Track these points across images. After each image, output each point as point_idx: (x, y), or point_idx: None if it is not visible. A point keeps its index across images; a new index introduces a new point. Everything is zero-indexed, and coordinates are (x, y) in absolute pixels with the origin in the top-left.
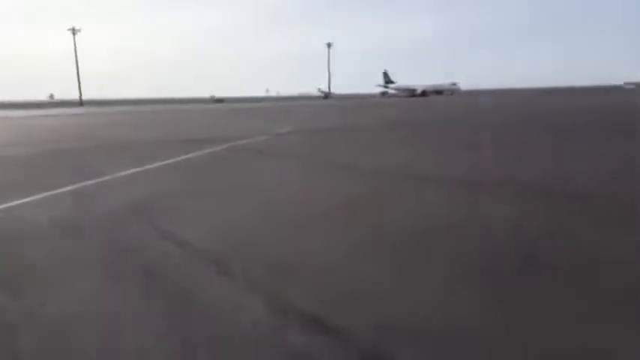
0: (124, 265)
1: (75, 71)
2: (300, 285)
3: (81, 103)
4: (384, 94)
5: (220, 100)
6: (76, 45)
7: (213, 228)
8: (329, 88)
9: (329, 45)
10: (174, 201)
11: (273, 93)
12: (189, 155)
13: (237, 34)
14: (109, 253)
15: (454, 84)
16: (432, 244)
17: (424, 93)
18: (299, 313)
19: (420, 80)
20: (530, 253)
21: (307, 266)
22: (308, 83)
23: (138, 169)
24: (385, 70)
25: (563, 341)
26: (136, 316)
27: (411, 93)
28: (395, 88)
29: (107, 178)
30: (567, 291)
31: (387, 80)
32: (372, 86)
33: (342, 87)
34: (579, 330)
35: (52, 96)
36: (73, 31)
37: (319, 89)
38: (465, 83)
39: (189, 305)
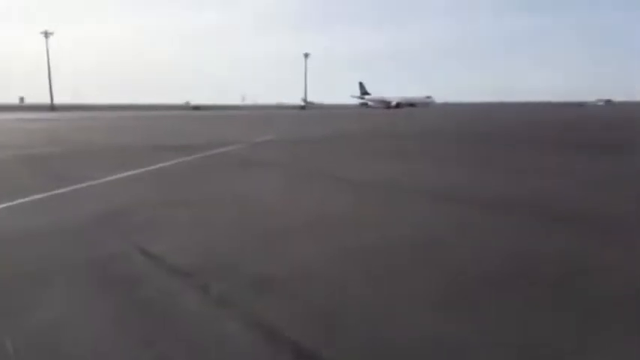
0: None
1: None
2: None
3: (52, 107)
4: (363, 105)
5: (197, 108)
6: (48, 48)
7: (186, 240)
8: (305, 98)
9: (306, 55)
10: (148, 211)
11: (249, 101)
12: (166, 164)
13: (212, 42)
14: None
15: (428, 97)
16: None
17: (398, 105)
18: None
19: (396, 91)
20: None
21: (284, 279)
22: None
23: (115, 176)
24: (361, 81)
25: None
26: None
27: (386, 105)
28: (370, 100)
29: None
30: None
31: (363, 91)
32: (348, 96)
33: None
34: None
35: (22, 99)
36: (46, 34)
37: (302, 99)
38: (442, 96)
39: (162, 321)
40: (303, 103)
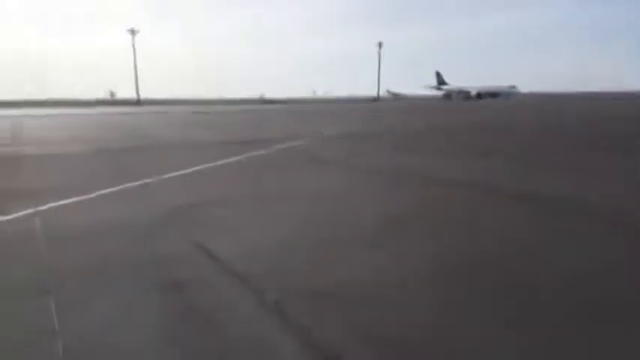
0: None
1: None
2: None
3: (138, 101)
4: (447, 96)
5: (270, 102)
6: (135, 45)
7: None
8: (378, 89)
9: (380, 44)
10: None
11: (320, 94)
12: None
13: (284, 36)
14: None
15: (512, 86)
16: None
17: (479, 96)
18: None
19: (473, 82)
20: None
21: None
22: (360, 85)
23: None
24: (438, 70)
25: None
26: None
27: (465, 95)
28: (448, 89)
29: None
30: None
31: (440, 81)
32: (422, 87)
33: (399, 86)
34: None
35: (112, 94)
36: (132, 32)
37: (387, 91)
38: (527, 86)
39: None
40: (392, 94)
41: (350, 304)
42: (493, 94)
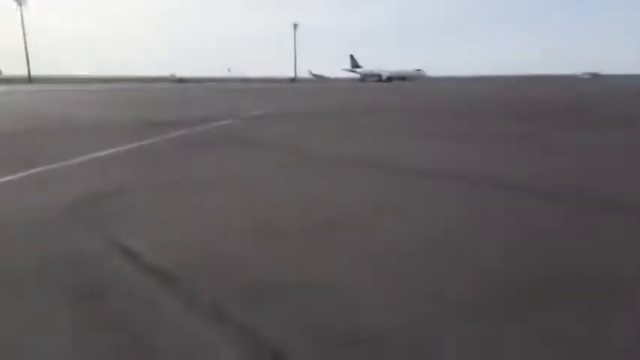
0: None
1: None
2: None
3: (29, 79)
4: (362, 80)
5: (182, 80)
6: (22, 16)
7: None
8: (295, 70)
9: (295, 25)
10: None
11: (236, 74)
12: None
13: (197, 12)
14: None
15: (419, 70)
16: None
17: (389, 79)
18: None
19: (384, 65)
20: None
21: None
22: (276, 66)
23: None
24: (351, 54)
25: None
26: None
27: (377, 78)
28: (362, 72)
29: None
30: None
31: (354, 64)
32: (337, 69)
33: (309, 69)
34: None
35: None
36: (20, 2)
37: (310, 72)
38: (431, 70)
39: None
40: (314, 75)
41: None
42: (402, 77)
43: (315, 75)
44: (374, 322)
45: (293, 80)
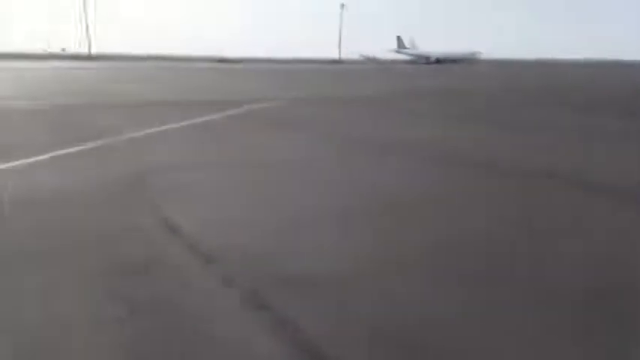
0: None
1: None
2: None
3: (90, 56)
4: (411, 61)
5: (224, 60)
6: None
7: None
8: (340, 52)
9: (342, 6)
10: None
11: (279, 54)
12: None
13: None
14: None
15: (474, 53)
16: None
17: (438, 61)
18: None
19: (435, 46)
20: None
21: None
22: (318, 46)
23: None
24: (398, 35)
25: None
26: None
27: (425, 60)
28: (408, 54)
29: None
30: None
31: (402, 45)
32: (385, 51)
33: (358, 50)
34: None
35: (63, 49)
36: None
37: (361, 54)
38: (490, 51)
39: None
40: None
41: None
42: (453, 60)
43: (365, 57)
44: None
45: (337, 62)
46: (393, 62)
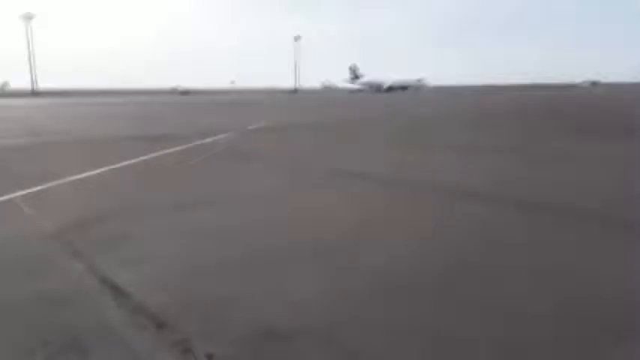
0: None
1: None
2: None
3: (34, 92)
4: (356, 90)
5: (186, 93)
6: (29, 32)
7: None
8: (296, 82)
9: (296, 38)
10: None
11: (238, 85)
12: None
13: (199, 25)
14: None
15: (420, 80)
16: None
17: (390, 89)
18: None
19: (387, 73)
20: None
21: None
22: (278, 77)
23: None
24: (350, 65)
25: None
26: None
27: (377, 88)
28: (361, 83)
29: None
30: None
31: (354, 76)
32: (340, 80)
33: (314, 80)
34: None
35: (5, 84)
36: (27, 17)
37: (322, 82)
38: (433, 79)
39: None
40: (326, 86)
41: None
42: (403, 87)
43: (326, 86)
44: None
45: (294, 92)
46: (352, 91)
